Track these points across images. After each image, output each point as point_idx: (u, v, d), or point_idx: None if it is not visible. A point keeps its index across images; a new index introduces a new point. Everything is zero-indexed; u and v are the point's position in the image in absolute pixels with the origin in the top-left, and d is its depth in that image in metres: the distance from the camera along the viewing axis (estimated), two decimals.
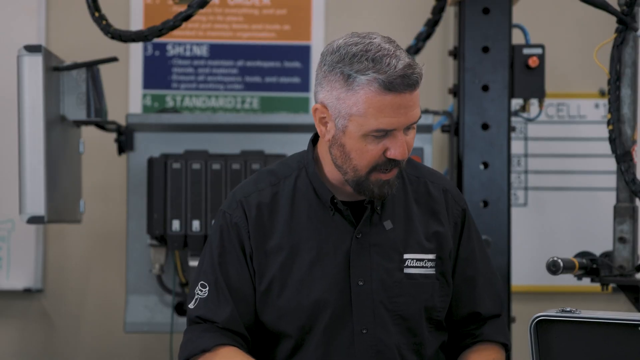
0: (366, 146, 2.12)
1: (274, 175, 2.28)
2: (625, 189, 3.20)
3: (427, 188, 2.32)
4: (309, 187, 2.24)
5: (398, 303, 2.22)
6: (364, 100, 2.08)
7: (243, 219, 2.23)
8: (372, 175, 2.15)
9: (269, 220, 2.23)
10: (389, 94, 2.07)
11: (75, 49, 4.11)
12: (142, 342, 4.22)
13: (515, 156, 4.26)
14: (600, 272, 3.15)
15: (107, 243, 4.23)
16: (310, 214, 2.23)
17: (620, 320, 1.95)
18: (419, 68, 2.10)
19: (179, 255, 3.60)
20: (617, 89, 3.19)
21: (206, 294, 2.23)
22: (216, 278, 2.23)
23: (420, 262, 2.25)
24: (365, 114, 2.09)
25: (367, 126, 2.10)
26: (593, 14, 3.37)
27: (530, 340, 2.04)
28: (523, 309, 4.02)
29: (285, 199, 2.24)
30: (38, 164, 3.28)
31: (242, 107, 4.30)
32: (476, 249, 2.35)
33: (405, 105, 2.09)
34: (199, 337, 2.21)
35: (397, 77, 2.06)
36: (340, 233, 2.22)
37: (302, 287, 2.20)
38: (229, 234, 2.24)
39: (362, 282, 2.21)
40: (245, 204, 2.24)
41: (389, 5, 4.33)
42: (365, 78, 2.07)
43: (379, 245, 2.22)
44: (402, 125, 2.11)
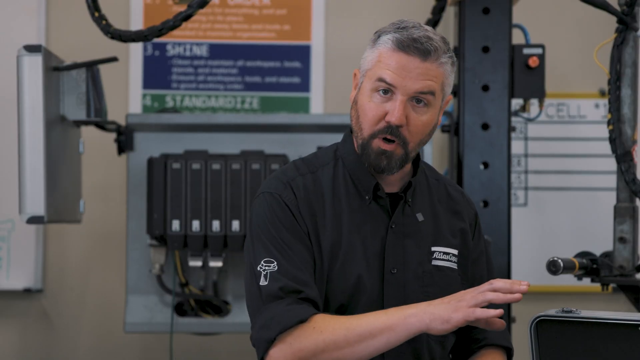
0: (370, 103, 2.21)
1: (311, 164, 2.32)
2: (625, 189, 3.21)
3: (447, 190, 2.39)
4: (346, 175, 2.29)
5: (428, 293, 2.26)
6: (377, 54, 2.20)
7: (294, 200, 2.24)
8: (373, 141, 2.21)
9: (316, 202, 2.25)
10: (399, 52, 2.17)
11: (75, 49, 4.11)
12: (142, 342, 4.22)
13: (515, 156, 4.26)
14: (600, 272, 3.16)
15: (107, 243, 4.23)
16: (350, 201, 2.27)
17: (620, 320, 1.95)
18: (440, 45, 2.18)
19: (179, 255, 3.60)
20: (617, 89, 3.19)
21: (276, 267, 2.18)
22: (283, 251, 2.20)
23: (447, 256, 2.31)
24: (375, 67, 2.20)
25: (371, 78, 2.20)
26: (593, 14, 3.37)
27: (530, 340, 2.04)
28: (523, 309, 4.01)
29: (326, 184, 2.28)
30: (38, 164, 3.28)
31: (242, 107, 4.30)
32: (484, 252, 2.42)
33: (411, 70, 2.17)
34: (289, 310, 2.15)
35: (410, 39, 2.16)
36: (376, 222, 2.27)
37: (345, 272, 2.22)
38: (284, 211, 2.23)
39: (395, 271, 2.25)
40: (293, 185, 2.26)
41: (389, 5, 4.33)
42: (385, 37, 2.20)
43: (411, 236, 2.28)
44: (404, 89, 2.17)
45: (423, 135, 2.23)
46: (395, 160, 2.22)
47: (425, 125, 2.21)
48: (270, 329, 2.14)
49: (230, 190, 3.49)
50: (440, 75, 2.20)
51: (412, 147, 2.23)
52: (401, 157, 2.23)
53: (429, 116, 2.21)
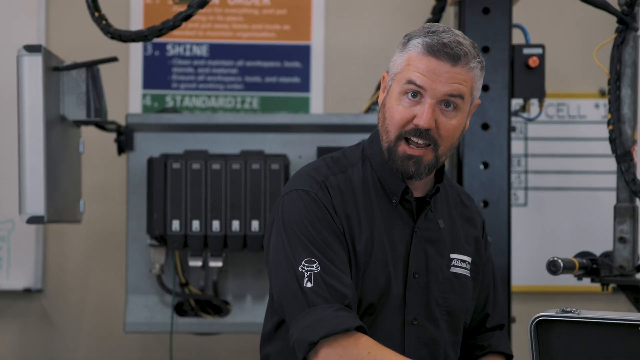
0: (399, 106, 2.20)
1: (340, 163, 2.31)
2: (625, 189, 3.20)
3: (460, 197, 2.42)
4: (374, 176, 2.29)
5: (448, 299, 2.28)
6: (407, 58, 2.21)
7: (329, 200, 2.23)
8: (399, 144, 2.21)
9: (349, 202, 2.24)
10: (429, 56, 2.18)
11: (75, 49, 4.11)
12: (142, 342, 4.22)
13: (515, 156, 4.26)
14: (600, 272, 3.16)
15: (107, 243, 4.23)
16: (379, 202, 2.27)
17: (620, 320, 1.95)
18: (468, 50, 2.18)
19: (179, 255, 3.60)
20: (617, 89, 3.19)
21: (319, 268, 2.16)
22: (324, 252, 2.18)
23: (463, 264, 2.33)
24: (404, 70, 2.20)
25: (402, 80, 2.19)
26: (593, 14, 3.37)
27: (530, 340, 2.04)
28: (523, 309, 4.02)
29: (357, 184, 2.27)
30: (38, 164, 3.28)
31: (242, 107, 4.30)
32: (490, 260, 2.45)
33: (441, 74, 2.17)
34: (336, 317, 2.12)
35: (441, 43, 2.17)
36: (402, 225, 2.27)
37: (377, 273, 2.23)
38: (321, 211, 2.21)
39: (418, 276, 2.26)
40: (328, 184, 2.25)
41: (389, 5, 4.33)
42: (415, 41, 2.21)
43: (433, 242, 2.29)
44: (434, 92, 2.17)
45: (453, 139, 2.23)
46: (425, 165, 2.22)
47: (454, 129, 2.21)
48: (315, 332, 2.11)
49: (230, 190, 3.49)
50: (469, 79, 2.20)
51: (443, 151, 2.22)
52: (431, 162, 2.22)
53: (457, 120, 2.21)
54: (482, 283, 2.40)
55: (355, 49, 4.29)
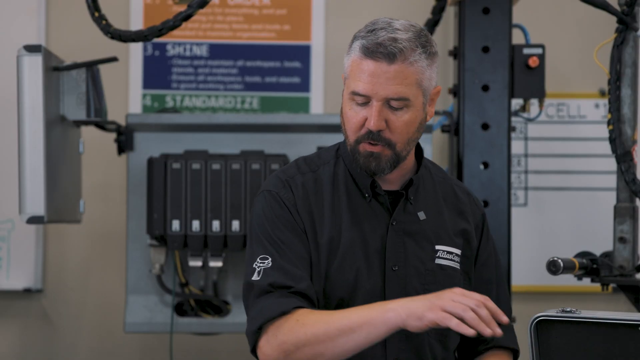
0: (350, 111, 2.22)
1: (312, 162, 2.34)
2: (625, 189, 3.21)
3: (453, 190, 2.40)
4: (346, 174, 2.30)
5: (430, 291, 2.25)
6: (350, 63, 2.22)
7: (291, 198, 2.27)
8: (360, 145, 2.22)
9: (314, 200, 2.28)
10: (367, 59, 2.18)
11: (75, 49, 4.11)
12: (142, 342, 4.22)
13: (515, 156, 4.26)
14: (600, 272, 3.16)
15: (107, 243, 4.23)
16: (350, 199, 2.28)
17: (620, 320, 1.95)
18: (406, 45, 2.16)
19: (179, 255, 3.60)
20: (617, 89, 3.19)
21: (270, 264, 2.21)
22: (278, 248, 2.22)
23: (450, 255, 2.31)
24: (349, 76, 2.22)
25: (348, 88, 2.22)
26: (593, 14, 3.37)
27: (530, 340, 2.04)
28: (523, 309, 4.01)
29: (326, 183, 2.30)
30: (38, 164, 3.28)
31: (242, 107, 4.30)
32: (493, 253, 2.43)
33: (381, 75, 2.16)
34: (275, 302, 2.17)
35: (375, 44, 2.17)
36: (376, 219, 2.27)
37: (344, 269, 2.23)
38: (281, 209, 2.26)
39: (396, 268, 2.25)
40: (292, 183, 2.29)
41: (389, 5, 4.33)
42: (356, 43, 2.21)
43: (412, 235, 2.28)
44: (377, 95, 2.17)
45: (409, 134, 2.22)
46: (385, 161, 2.23)
47: (407, 124, 2.21)
48: (257, 321, 2.17)
49: (230, 190, 3.49)
50: (412, 74, 2.18)
51: (401, 147, 2.23)
52: (391, 157, 2.23)
53: (409, 115, 2.20)
54: (482, 279, 2.39)
55: None
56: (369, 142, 2.21)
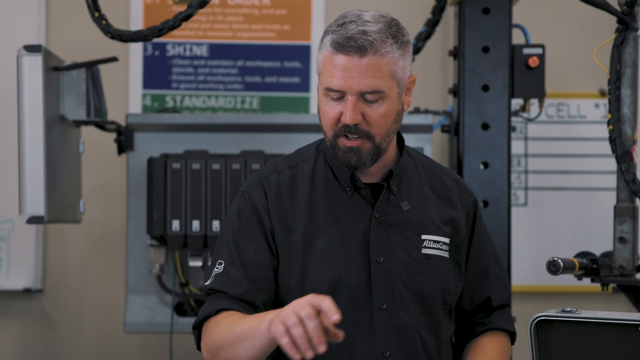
0: (326, 106, 2.22)
1: (292, 159, 2.35)
2: (625, 189, 3.21)
3: (441, 178, 2.38)
4: (327, 169, 2.30)
5: (417, 281, 2.26)
6: (322, 59, 2.21)
7: (263, 198, 2.27)
8: (338, 140, 2.22)
9: (289, 199, 2.28)
10: (338, 54, 2.16)
11: (75, 49, 4.11)
12: (142, 342, 4.22)
13: (515, 156, 4.26)
14: (600, 272, 3.16)
15: (107, 243, 4.23)
16: (329, 195, 2.28)
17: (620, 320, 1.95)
18: (376, 37, 2.15)
19: (178, 255, 3.60)
20: (617, 89, 3.19)
21: (221, 269, 2.25)
22: (230, 254, 2.25)
23: (437, 244, 2.30)
24: (322, 72, 2.21)
25: (322, 84, 2.21)
26: (593, 14, 3.37)
27: (530, 340, 2.04)
28: (523, 309, 4.01)
29: (304, 179, 2.30)
30: (38, 164, 3.28)
31: (242, 107, 4.30)
32: (487, 240, 2.42)
33: (353, 69, 2.15)
34: (207, 305, 2.23)
35: (345, 38, 2.15)
36: (358, 213, 2.27)
37: (323, 265, 2.23)
38: (247, 212, 2.27)
39: (382, 260, 2.24)
40: (265, 183, 2.29)
41: (389, 5, 4.32)
42: (326, 38, 2.19)
43: (397, 225, 2.27)
44: (351, 89, 2.16)
45: (386, 125, 2.21)
46: (366, 154, 2.22)
47: (384, 116, 2.20)
48: (196, 320, 2.24)
49: (230, 190, 3.49)
50: (385, 65, 2.17)
51: (380, 139, 2.22)
52: (371, 150, 2.22)
53: (385, 107, 2.20)
54: (478, 268, 2.37)
55: None
56: (347, 137, 2.20)
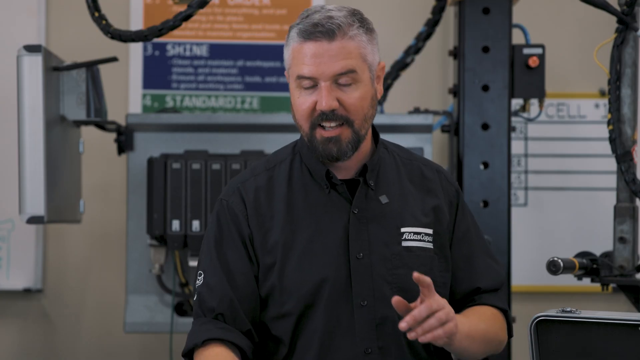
0: (299, 99, 2.22)
1: (269, 162, 2.34)
2: (625, 189, 3.21)
3: (420, 170, 2.36)
4: (304, 168, 2.29)
5: (398, 275, 2.24)
6: (290, 53, 2.21)
7: (240, 204, 2.27)
8: (315, 132, 2.21)
9: (267, 202, 2.27)
10: (307, 42, 2.16)
11: (75, 49, 4.11)
12: (142, 342, 4.22)
13: (515, 156, 4.26)
14: (600, 272, 3.16)
15: (107, 243, 4.23)
16: (307, 194, 2.27)
17: (620, 320, 1.95)
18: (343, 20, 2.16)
19: (178, 255, 3.60)
20: (617, 89, 3.19)
21: (201, 281, 2.26)
22: (213, 263, 2.26)
23: (418, 236, 2.27)
24: (292, 64, 2.21)
25: (292, 76, 2.21)
26: (593, 14, 3.37)
27: (530, 340, 2.04)
28: (523, 309, 4.02)
29: (281, 181, 2.29)
30: (38, 164, 3.28)
31: (242, 107, 4.30)
32: (471, 227, 2.37)
33: (324, 54, 2.16)
34: (194, 331, 2.23)
35: (311, 25, 2.16)
36: (337, 210, 2.25)
37: (303, 265, 2.22)
38: (226, 220, 2.28)
39: (361, 256, 2.23)
40: (243, 189, 2.29)
41: (389, 5, 4.33)
42: (292, 32, 2.20)
43: (376, 220, 2.26)
44: (323, 75, 2.17)
45: (363, 109, 2.21)
46: (346, 143, 2.21)
47: (360, 99, 2.20)
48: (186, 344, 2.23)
49: None
50: (355, 48, 2.18)
51: (359, 124, 2.21)
52: (351, 138, 2.21)
53: (361, 91, 2.20)
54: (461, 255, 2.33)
55: None
56: (324, 128, 2.19)
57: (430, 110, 3.78)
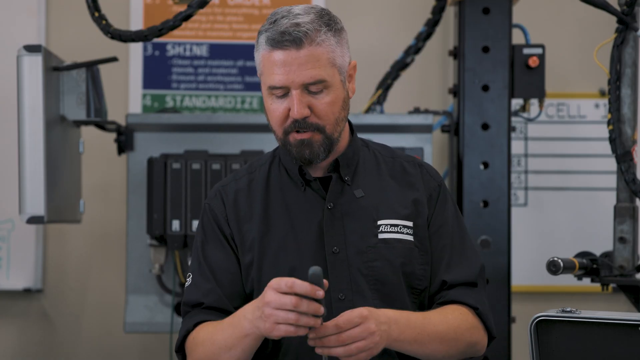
0: (272, 105, 2.23)
1: (251, 166, 2.39)
2: (625, 189, 3.21)
3: (402, 166, 2.37)
4: (282, 169, 2.33)
5: (374, 267, 2.24)
6: (260, 59, 2.22)
7: (221, 206, 2.32)
8: (289, 136, 2.23)
9: (246, 203, 2.31)
10: (275, 50, 2.18)
11: (75, 49, 4.11)
12: (142, 342, 4.22)
13: (515, 156, 4.26)
14: (600, 272, 3.16)
15: (107, 243, 4.23)
16: (284, 193, 2.31)
17: (620, 320, 1.95)
18: (309, 27, 2.17)
19: (178, 255, 3.60)
20: (617, 89, 3.19)
21: (190, 281, 2.31)
22: (199, 263, 2.30)
23: (395, 228, 2.27)
24: (263, 72, 2.22)
25: (264, 85, 2.22)
26: (593, 14, 3.37)
27: (530, 340, 2.04)
28: (523, 309, 4.02)
29: (260, 183, 2.33)
30: (38, 164, 3.28)
31: (242, 107, 4.30)
32: (450, 221, 2.34)
33: (293, 63, 2.17)
34: (183, 325, 2.28)
35: (279, 33, 2.17)
36: (312, 206, 2.28)
37: (278, 260, 2.25)
38: (209, 221, 2.33)
39: (337, 250, 2.24)
40: (223, 192, 2.34)
41: (389, 5, 4.33)
42: (261, 37, 2.21)
43: (351, 214, 2.27)
44: (294, 83, 2.18)
45: (335, 113, 2.22)
46: (318, 146, 2.23)
47: (331, 104, 2.21)
48: (177, 339, 2.28)
49: None
50: (322, 54, 2.19)
51: (331, 129, 2.23)
52: (323, 142, 2.23)
53: (331, 96, 2.21)
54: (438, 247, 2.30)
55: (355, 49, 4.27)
56: (297, 131, 2.21)
57: (430, 110, 3.78)
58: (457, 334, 2.23)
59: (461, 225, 2.37)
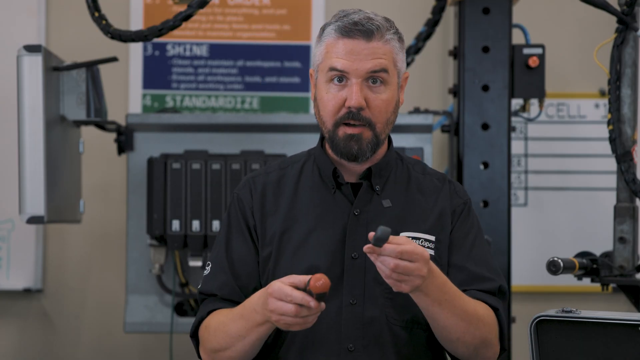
0: (327, 94, 2.24)
1: (284, 162, 2.41)
2: (625, 189, 3.21)
3: (432, 182, 2.38)
4: (314, 169, 2.34)
5: None
6: (324, 47, 2.25)
7: (248, 197, 2.34)
8: (339, 129, 2.24)
9: (273, 197, 2.33)
10: (343, 38, 2.22)
11: (75, 49, 4.11)
12: (142, 342, 4.22)
13: (515, 156, 4.26)
14: (600, 272, 3.16)
15: (107, 243, 4.23)
16: (313, 193, 2.32)
17: (620, 320, 1.96)
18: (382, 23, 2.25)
19: (178, 255, 3.60)
20: (617, 89, 3.19)
21: (209, 270, 2.33)
22: (218, 253, 2.33)
23: (417, 241, 2.27)
24: (325, 58, 2.24)
25: (325, 69, 2.24)
26: (593, 14, 3.37)
27: (530, 340, 2.04)
28: (523, 309, 4.02)
29: (290, 179, 2.35)
30: (38, 164, 3.28)
31: (242, 107, 4.30)
32: (470, 239, 2.33)
33: (359, 52, 2.21)
34: (200, 312, 2.31)
35: (351, 23, 2.22)
36: (339, 210, 2.29)
37: (296, 256, 2.26)
38: (236, 212, 2.34)
39: (356, 256, 2.25)
40: (252, 183, 2.36)
41: (389, 5, 4.33)
42: (329, 28, 2.25)
43: (376, 223, 2.26)
44: (356, 72, 2.21)
45: (387, 114, 2.25)
46: (366, 143, 2.24)
47: (386, 103, 2.24)
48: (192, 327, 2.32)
49: (230, 190, 3.49)
50: (389, 51, 2.24)
51: (381, 128, 2.24)
52: (371, 140, 2.24)
53: (388, 94, 2.24)
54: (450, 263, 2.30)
55: None
56: (348, 124, 2.22)
57: (430, 110, 3.78)
58: (479, 323, 2.21)
59: (483, 245, 2.35)
